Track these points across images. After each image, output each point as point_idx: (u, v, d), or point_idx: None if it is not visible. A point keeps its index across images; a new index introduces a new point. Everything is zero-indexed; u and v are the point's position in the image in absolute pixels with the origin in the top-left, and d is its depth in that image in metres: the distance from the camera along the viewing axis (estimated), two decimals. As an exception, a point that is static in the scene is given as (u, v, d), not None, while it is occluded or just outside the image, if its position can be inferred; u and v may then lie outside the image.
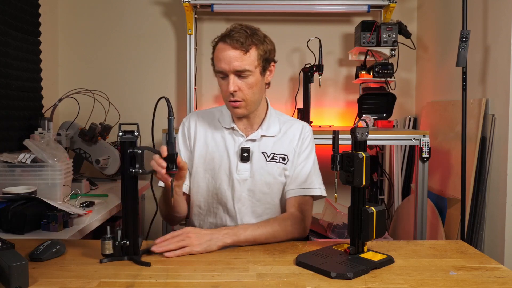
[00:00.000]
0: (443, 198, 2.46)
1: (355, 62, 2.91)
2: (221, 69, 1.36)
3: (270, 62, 1.44)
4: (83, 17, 3.04)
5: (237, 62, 1.34)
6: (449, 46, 2.59)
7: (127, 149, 1.15)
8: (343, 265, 1.11)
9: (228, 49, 1.34)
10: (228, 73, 1.36)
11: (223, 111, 1.52)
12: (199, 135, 1.50)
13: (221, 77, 1.39)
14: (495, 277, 1.07)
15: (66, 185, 1.92)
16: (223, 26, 3.24)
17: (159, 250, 1.19)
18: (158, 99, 1.20)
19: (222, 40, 1.37)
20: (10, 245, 1.14)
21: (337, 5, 2.83)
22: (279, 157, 1.47)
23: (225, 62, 1.35)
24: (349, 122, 3.00)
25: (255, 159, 1.45)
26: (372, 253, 1.18)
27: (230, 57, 1.34)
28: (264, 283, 1.03)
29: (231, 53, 1.34)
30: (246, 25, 1.40)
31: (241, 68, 1.35)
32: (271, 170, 1.46)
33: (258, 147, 1.47)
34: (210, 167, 1.46)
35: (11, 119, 2.32)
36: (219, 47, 1.37)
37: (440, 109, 2.64)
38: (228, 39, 1.35)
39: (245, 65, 1.35)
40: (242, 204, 1.46)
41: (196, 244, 1.22)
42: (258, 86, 1.40)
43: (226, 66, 1.35)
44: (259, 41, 1.37)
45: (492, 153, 2.13)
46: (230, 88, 1.36)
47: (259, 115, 1.49)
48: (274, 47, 1.45)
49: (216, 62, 1.38)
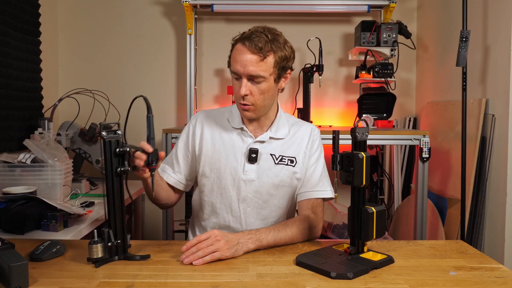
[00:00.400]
0: (443, 198, 2.46)
1: (355, 62, 2.91)
2: (236, 71, 1.35)
3: (287, 70, 1.41)
4: (83, 17, 3.04)
5: (252, 67, 1.32)
6: (449, 46, 2.59)
7: (115, 148, 1.15)
8: (343, 265, 1.11)
9: (246, 52, 1.32)
10: (242, 76, 1.35)
11: (233, 111, 1.51)
12: (206, 134, 1.49)
13: (235, 78, 1.39)
14: (495, 277, 1.07)
15: (66, 185, 1.92)
16: (223, 26, 3.24)
17: (188, 261, 1.16)
18: (135, 98, 1.18)
19: (241, 41, 1.34)
20: (10, 245, 1.14)
21: (337, 5, 2.83)
22: (288, 159, 1.46)
23: (240, 64, 1.33)
24: (349, 122, 3.00)
25: (263, 161, 1.45)
26: (372, 253, 1.18)
27: (246, 61, 1.32)
28: (264, 283, 1.03)
29: (248, 57, 1.32)
30: (268, 28, 1.37)
31: (255, 73, 1.32)
32: (279, 172, 1.45)
33: (267, 148, 1.46)
34: (216, 167, 1.46)
35: (11, 119, 2.33)
36: (238, 47, 1.35)
37: (440, 109, 2.64)
38: (247, 42, 1.32)
39: (260, 71, 1.32)
40: (247, 205, 1.45)
41: (226, 248, 1.19)
42: (270, 92, 1.38)
43: (241, 69, 1.33)
44: (278, 47, 1.34)
45: (492, 153, 2.13)
46: (241, 91, 1.35)
47: (269, 118, 1.48)
48: (294, 54, 1.42)
49: (233, 62, 1.36)
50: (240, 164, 1.44)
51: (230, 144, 1.46)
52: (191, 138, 1.51)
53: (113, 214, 1.17)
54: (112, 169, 1.16)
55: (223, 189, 1.45)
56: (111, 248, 1.15)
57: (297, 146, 1.49)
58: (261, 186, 1.44)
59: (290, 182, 1.46)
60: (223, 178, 1.45)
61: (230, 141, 1.47)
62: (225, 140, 1.47)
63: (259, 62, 1.32)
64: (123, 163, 1.16)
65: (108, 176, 1.16)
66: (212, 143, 1.48)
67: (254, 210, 1.46)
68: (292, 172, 1.46)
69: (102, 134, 1.15)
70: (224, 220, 1.48)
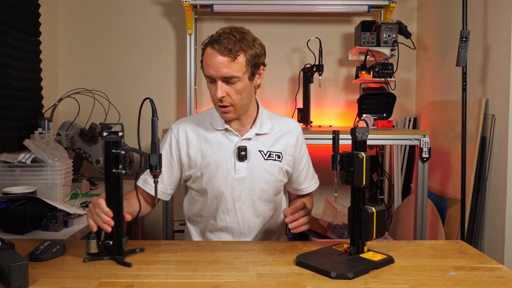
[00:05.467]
0: (443, 198, 2.46)
1: (355, 62, 2.91)
2: (210, 74, 1.36)
3: (259, 66, 1.42)
4: (83, 17, 3.04)
5: (225, 68, 1.33)
6: (449, 46, 2.59)
7: (111, 149, 1.15)
8: (343, 265, 1.11)
9: (216, 55, 1.33)
10: (216, 79, 1.35)
11: (213, 114, 1.50)
12: (191, 140, 1.48)
13: (209, 82, 1.39)
14: (495, 277, 1.07)
15: (66, 185, 1.92)
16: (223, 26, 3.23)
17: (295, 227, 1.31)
18: (143, 100, 1.18)
19: (210, 44, 1.35)
20: (10, 245, 1.14)
21: (337, 5, 2.83)
22: (275, 155, 1.49)
23: (213, 68, 1.34)
24: (349, 122, 3.00)
25: (253, 158, 1.46)
26: (372, 253, 1.18)
27: (218, 63, 1.33)
28: (264, 283, 1.03)
29: (219, 59, 1.33)
30: (235, 28, 1.38)
31: (228, 74, 1.33)
32: (269, 168, 1.47)
33: (254, 145, 1.47)
34: (207, 171, 1.46)
35: (11, 119, 2.33)
36: (208, 52, 1.36)
37: (440, 109, 2.64)
38: (216, 45, 1.33)
39: (233, 71, 1.33)
40: (243, 203, 1.46)
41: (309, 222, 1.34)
42: (246, 91, 1.39)
43: (214, 72, 1.34)
44: (247, 46, 1.35)
45: (492, 153, 2.13)
46: (218, 94, 1.35)
47: (250, 115, 1.49)
48: (264, 50, 1.43)
49: (205, 67, 1.37)
50: (231, 164, 1.45)
51: (218, 146, 1.46)
52: (175, 147, 1.49)
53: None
54: (110, 170, 1.16)
55: (217, 191, 1.46)
56: (106, 247, 1.17)
57: (283, 141, 1.51)
58: (254, 182, 1.46)
59: (279, 177, 1.51)
60: (216, 180, 1.45)
61: (216, 142, 1.47)
62: (212, 143, 1.47)
63: (231, 63, 1.33)
64: (118, 166, 1.15)
65: (107, 177, 1.17)
66: (199, 148, 1.47)
67: (249, 207, 1.48)
68: (279, 167, 1.49)
69: (102, 134, 1.15)
70: (221, 221, 1.48)
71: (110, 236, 1.17)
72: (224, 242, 1.39)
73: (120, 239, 1.18)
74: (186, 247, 1.30)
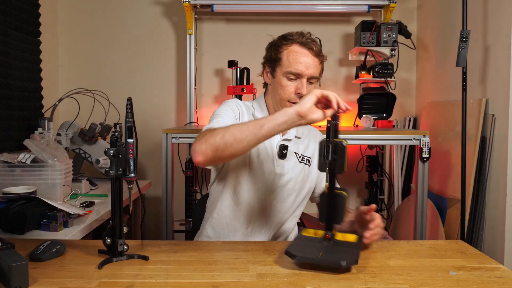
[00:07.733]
0: (443, 198, 2.46)
1: (355, 62, 2.91)
2: (298, 71, 1.40)
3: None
4: (83, 17, 3.04)
5: (314, 69, 1.41)
6: (449, 46, 2.59)
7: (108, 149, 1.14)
8: (338, 253, 1.11)
9: (308, 55, 1.40)
10: (303, 77, 1.40)
11: (255, 107, 1.52)
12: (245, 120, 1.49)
13: (290, 78, 1.42)
14: (495, 277, 1.07)
15: (66, 185, 1.92)
16: (223, 26, 3.23)
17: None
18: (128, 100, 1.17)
19: (302, 44, 1.41)
20: (10, 245, 1.14)
21: (337, 5, 2.84)
22: (306, 159, 1.54)
23: (305, 66, 1.40)
24: (349, 122, 3.00)
25: (290, 158, 1.50)
26: (342, 235, 1.20)
27: (310, 63, 1.40)
28: (264, 283, 1.03)
29: (311, 59, 1.40)
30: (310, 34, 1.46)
31: (315, 75, 1.42)
32: (302, 170, 1.52)
33: (292, 146, 1.51)
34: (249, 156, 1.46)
35: (11, 119, 2.33)
36: (297, 49, 1.41)
37: (440, 109, 2.64)
38: (309, 46, 1.41)
39: (317, 73, 1.43)
40: (274, 197, 1.49)
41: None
42: None
43: (305, 70, 1.40)
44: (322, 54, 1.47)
45: (492, 153, 2.13)
46: (303, 91, 1.40)
47: None
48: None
49: (294, 63, 1.40)
50: (271, 158, 1.48)
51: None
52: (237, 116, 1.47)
53: (113, 215, 1.17)
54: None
55: (255, 178, 1.47)
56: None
57: (312, 147, 1.56)
58: (289, 181, 1.49)
59: (307, 181, 1.53)
60: (257, 169, 1.47)
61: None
62: None
63: (318, 65, 1.43)
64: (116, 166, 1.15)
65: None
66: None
67: (278, 203, 1.50)
68: (308, 171, 1.53)
69: (111, 133, 1.15)
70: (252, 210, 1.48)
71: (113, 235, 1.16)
72: (224, 242, 1.39)
73: (122, 238, 1.17)
74: (186, 247, 1.30)
